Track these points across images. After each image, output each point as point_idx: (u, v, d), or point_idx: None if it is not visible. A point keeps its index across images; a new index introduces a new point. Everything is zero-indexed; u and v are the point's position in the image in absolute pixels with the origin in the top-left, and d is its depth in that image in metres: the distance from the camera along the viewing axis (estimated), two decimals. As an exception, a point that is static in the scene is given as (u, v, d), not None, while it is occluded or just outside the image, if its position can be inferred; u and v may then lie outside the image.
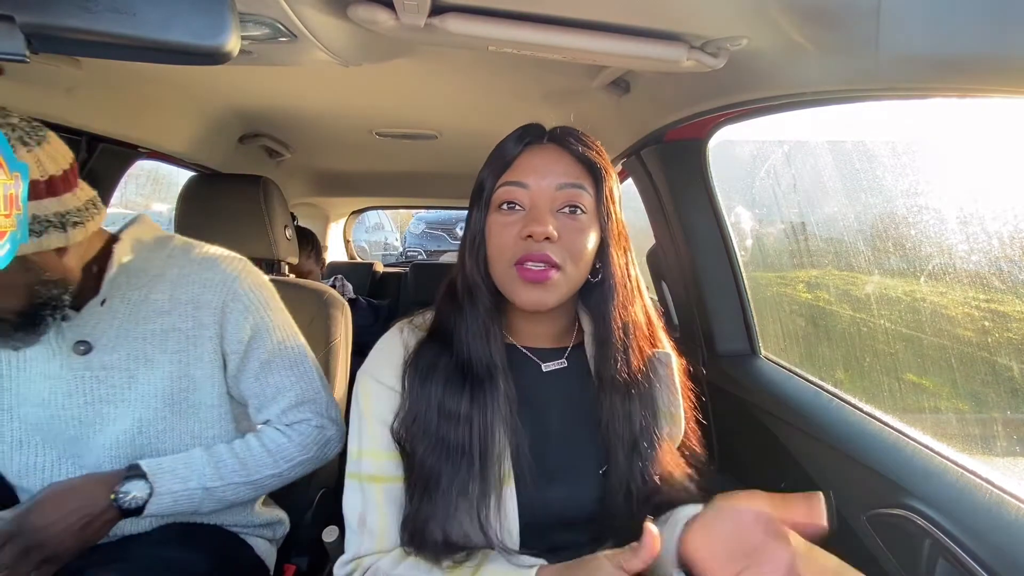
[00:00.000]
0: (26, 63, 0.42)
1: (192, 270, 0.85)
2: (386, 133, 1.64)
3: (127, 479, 0.76)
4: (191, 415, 0.84)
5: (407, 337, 0.70)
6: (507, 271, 0.64)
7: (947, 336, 0.93)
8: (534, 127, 0.69)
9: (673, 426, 0.72)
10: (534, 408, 0.68)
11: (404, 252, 7.42)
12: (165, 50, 0.43)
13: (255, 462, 0.85)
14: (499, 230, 0.65)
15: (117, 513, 0.75)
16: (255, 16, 0.66)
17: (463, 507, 0.61)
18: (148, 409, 0.81)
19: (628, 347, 0.67)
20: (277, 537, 1.01)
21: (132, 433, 0.80)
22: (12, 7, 0.39)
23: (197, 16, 0.42)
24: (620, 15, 0.67)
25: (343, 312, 1.28)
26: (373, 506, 0.65)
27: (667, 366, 0.73)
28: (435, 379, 0.65)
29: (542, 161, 0.66)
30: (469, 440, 0.62)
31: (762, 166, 1.38)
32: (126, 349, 0.80)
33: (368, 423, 0.67)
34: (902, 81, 0.59)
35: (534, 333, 0.72)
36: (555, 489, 0.66)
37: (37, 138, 0.66)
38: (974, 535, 0.59)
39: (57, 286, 0.71)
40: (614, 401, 0.67)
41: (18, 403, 0.79)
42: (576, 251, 0.63)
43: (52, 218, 0.67)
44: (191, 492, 0.79)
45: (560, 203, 0.64)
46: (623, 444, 0.66)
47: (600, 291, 0.67)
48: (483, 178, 0.68)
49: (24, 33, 0.40)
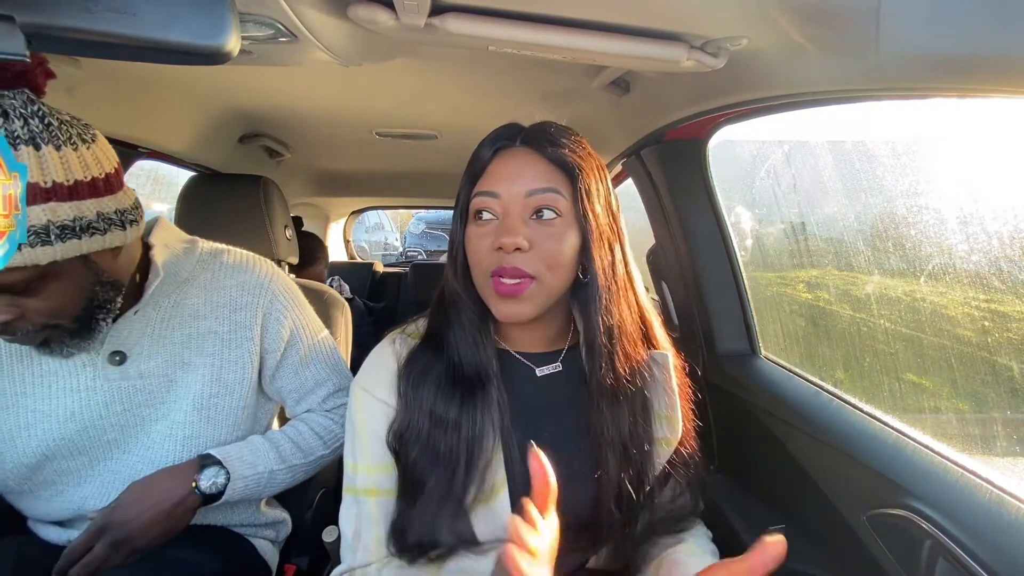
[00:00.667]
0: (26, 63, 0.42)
1: (225, 274, 0.86)
2: (386, 133, 1.64)
3: (203, 468, 0.79)
4: (219, 420, 0.85)
5: (399, 348, 0.69)
6: (485, 283, 0.63)
7: (947, 336, 0.93)
8: (507, 129, 0.68)
9: (669, 430, 0.70)
10: (528, 414, 0.67)
11: (404, 252, 7.42)
12: (165, 50, 0.43)
13: (307, 444, 0.89)
14: (476, 241, 0.64)
15: (199, 499, 0.77)
16: (255, 16, 0.66)
17: (449, 513, 0.61)
18: (180, 412, 0.82)
19: (613, 352, 0.65)
20: (280, 538, 1.01)
21: (163, 438, 0.82)
22: (12, 7, 0.39)
23: (197, 16, 0.42)
24: (620, 15, 0.67)
25: (343, 312, 1.28)
26: (367, 519, 0.65)
27: (664, 368, 0.70)
28: (427, 385, 0.64)
29: (512, 167, 0.64)
30: (457, 447, 0.62)
31: (762, 166, 1.38)
32: (164, 355, 0.80)
33: (362, 438, 0.66)
34: (902, 81, 0.59)
35: (526, 338, 0.71)
36: None
37: (91, 135, 0.66)
38: (974, 535, 0.58)
39: (113, 288, 0.71)
40: (602, 406, 0.65)
41: (35, 420, 0.76)
42: (551, 258, 0.61)
43: (113, 216, 0.66)
44: (259, 476, 0.83)
45: (532, 209, 0.62)
46: (613, 449, 0.65)
47: (587, 292, 0.65)
48: (460, 188, 0.68)
49: (24, 33, 0.40)
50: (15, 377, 0.76)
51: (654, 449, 0.68)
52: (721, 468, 1.16)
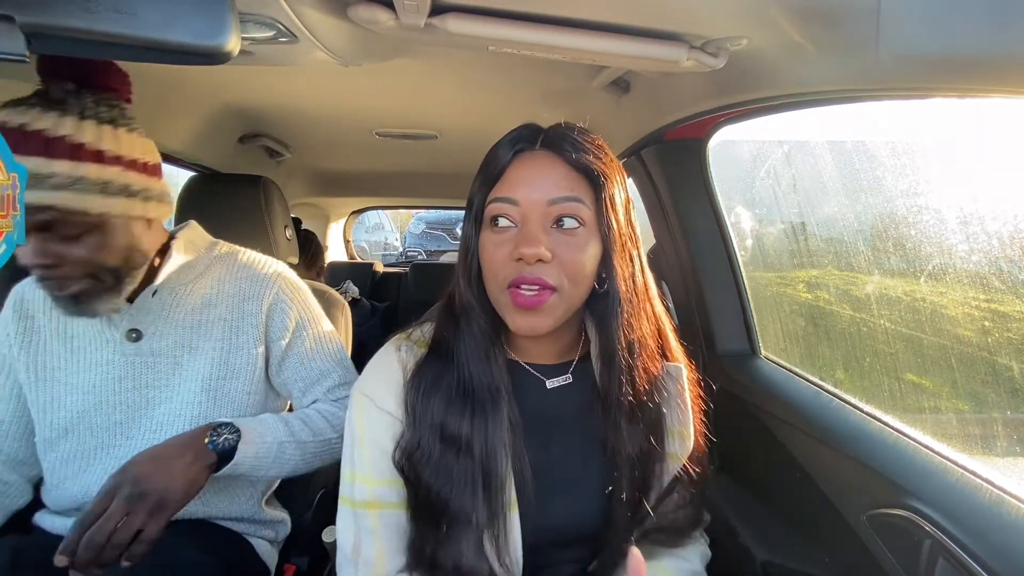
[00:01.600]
0: (26, 63, 0.42)
1: (237, 268, 0.93)
2: (386, 133, 1.64)
3: (215, 428, 0.79)
4: (226, 402, 0.88)
5: (405, 356, 0.66)
6: (501, 295, 0.60)
7: (947, 336, 0.93)
8: (528, 130, 0.64)
9: (680, 444, 0.68)
10: (538, 427, 0.65)
11: (404, 252, 7.42)
12: (165, 50, 0.43)
13: (315, 424, 0.90)
14: (491, 249, 0.60)
15: (214, 456, 0.77)
16: (255, 16, 0.66)
17: (469, 534, 0.59)
18: (188, 393, 0.86)
19: (633, 367, 0.62)
20: (279, 539, 1.01)
21: (172, 417, 0.85)
22: (12, 7, 0.39)
23: (197, 16, 0.42)
24: (620, 15, 0.67)
25: (343, 312, 1.28)
26: (368, 534, 0.62)
27: (677, 381, 0.68)
28: (437, 399, 0.62)
29: (533, 172, 0.60)
30: (472, 467, 0.60)
31: (762, 166, 1.38)
32: (173, 337, 0.87)
33: (363, 447, 0.63)
34: (902, 81, 0.59)
35: (537, 349, 0.68)
36: (558, 509, 0.64)
37: (138, 128, 0.79)
38: (974, 535, 0.58)
39: (141, 256, 0.81)
40: (618, 423, 0.63)
41: (66, 392, 0.84)
42: (573, 269, 0.59)
43: (154, 194, 0.79)
44: (268, 445, 0.83)
45: (554, 218, 0.59)
46: (626, 465, 0.64)
47: (605, 304, 0.62)
48: (474, 191, 0.64)
49: (24, 33, 0.40)
50: (53, 353, 0.85)
51: (665, 465, 0.67)
52: (721, 468, 1.16)
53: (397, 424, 0.63)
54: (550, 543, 0.65)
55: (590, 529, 0.65)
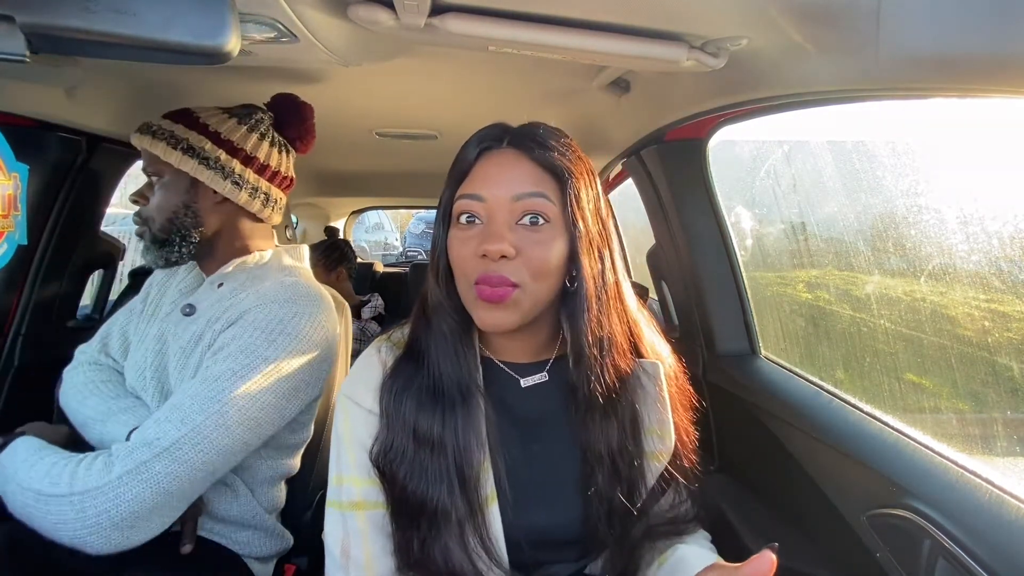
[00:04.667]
0: (26, 63, 0.42)
1: (276, 289, 0.85)
2: (386, 133, 1.64)
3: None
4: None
5: (384, 356, 0.66)
6: (468, 291, 0.61)
7: (947, 336, 0.93)
8: (494, 129, 0.65)
9: (660, 443, 0.67)
10: (514, 426, 0.66)
11: (404, 252, 7.42)
12: (165, 50, 0.43)
13: (55, 477, 0.70)
14: (458, 246, 0.61)
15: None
16: (255, 16, 0.66)
17: (451, 530, 0.59)
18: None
19: (603, 364, 0.62)
20: (274, 552, 0.99)
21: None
22: (12, 7, 0.39)
23: (197, 16, 0.42)
24: (620, 15, 0.67)
25: (343, 313, 1.28)
26: (357, 535, 0.62)
27: (655, 379, 0.67)
28: (408, 400, 0.62)
29: (498, 169, 0.61)
30: (447, 464, 0.60)
31: (762, 166, 1.38)
32: (201, 323, 0.89)
33: (347, 448, 0.64)
34: (902, 81, 0.59)
35: (511, 347, 0.68)
36: (537, 509, 0.64)
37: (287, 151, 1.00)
38: (974, 535, 0.58)
39: (195, 223, 0.88)
40: (591, 420, 0.63)
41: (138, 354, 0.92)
42: (537, 266, 0.59)
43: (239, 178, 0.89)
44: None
45: (519, 214, 0.60)
46: (602, 465, 0.63)
47: (575, 301, 0.62)
48: (443, 189, 0.65)
49: (24, 33, 0.40)
50: (144, 319, 0.95)
51: (644, 464, 0.66)
52: (721, 468, 1.16)
53: (375, 421, 0.64)
54: (538, 543, 0.64)
55: (573, 531, 0.65)
